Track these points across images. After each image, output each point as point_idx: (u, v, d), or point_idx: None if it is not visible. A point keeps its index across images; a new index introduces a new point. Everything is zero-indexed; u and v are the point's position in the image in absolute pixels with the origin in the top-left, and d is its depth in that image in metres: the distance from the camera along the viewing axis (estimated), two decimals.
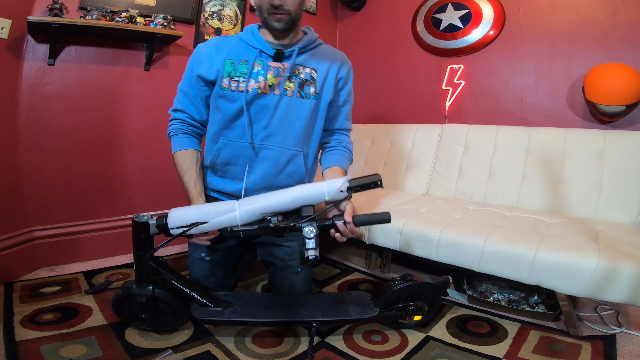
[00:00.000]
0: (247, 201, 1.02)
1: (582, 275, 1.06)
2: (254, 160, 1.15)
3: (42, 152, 1.59)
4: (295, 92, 1.13)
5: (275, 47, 1.13)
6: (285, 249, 1.24)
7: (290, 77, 1.13)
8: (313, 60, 1.17)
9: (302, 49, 1.15)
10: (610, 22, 1.68)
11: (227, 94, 1.11)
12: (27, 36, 1.49)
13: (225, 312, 1.08)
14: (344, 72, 1.22)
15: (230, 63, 1.12)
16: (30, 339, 1.06)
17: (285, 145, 1.15)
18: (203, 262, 1.23)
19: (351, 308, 1.13)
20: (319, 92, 1.17)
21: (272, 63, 1.12)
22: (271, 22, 1.08)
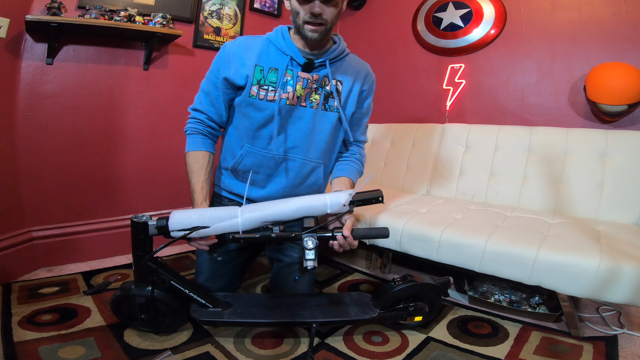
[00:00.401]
0: (249, 208, 1.02)
1: (583, 276, 1.06)
2: (276, 170, 1.16)
3: (40, 152, 1.59)
4: (320, 104, 1.14)
5: (306, 55, 1.11)
6: (294, 245, 1.25)
7: (317, 89, 1.13)
8: (339, 72, 1.16)
9: (332, 61, 1.14)
10: (612, 21, 1.68)
11: (255, 103, 1.10)
12: (25, 35, 1.49)
13: (225, 313, 1.08)
14: (367, 85, 1.23)
15: (260, 70, 1.10)
16: (29, 340, 1.06)
17: (309, 158, 1.17)
18: (213, 262, 1.24)
19: (351, 309, 1.13)
20: (343, 106, 1.17)
21: (301, 74, 1.11)
22: (306, 32, 1.04)
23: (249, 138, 1.15)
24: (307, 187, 1.21)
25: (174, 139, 1.91)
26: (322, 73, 1.13)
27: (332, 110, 1.16)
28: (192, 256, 1.87)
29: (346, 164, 1.25)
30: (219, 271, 1.24)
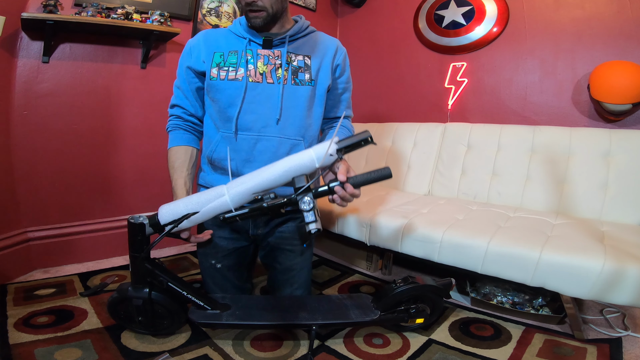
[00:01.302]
0: (235, 183, 0.98)
1: (587, 277, 1.06)
2: (251, 153, 1.13)
3: (36, 151, 1.59)
4: (289, 79, 1.12)
5: (264, 35, 1.13)
6: (288, 253, 1.23)
7: (283, 65, 1.12)
8: (306, 47, 1.16)
9: (293, 37, 1.14)
10: (617, 18, 1.68)
11: (216, 84, 1.11)
12: (21, 33, 1.49)
13: (223, 315, 1.08)
14: (340, 58, 1.21)
15: (219, 55, 1.12)
16: (25, 342, 1.06)
17: (285, 135, 1.13)
18: (215, 270, 1.23)
19: (352, 311, 1.13)
20: (315, 79, 1.16)
21: (261, 51, 1.12)
22: (250, 20, 1.09)
23: (221, 122, 1.14)
24: None
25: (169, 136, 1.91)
26: (284, 49, 1.12)
27: (304, 84, 1.14)
28: (191, 257, 1.87)
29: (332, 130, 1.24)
30: (224, 278, 1.24)
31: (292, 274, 1.24)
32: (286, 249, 1.23)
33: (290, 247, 1.23)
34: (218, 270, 1.23)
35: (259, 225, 1.22)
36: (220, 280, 1.24)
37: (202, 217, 0.99)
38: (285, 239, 1.23)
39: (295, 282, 1.24)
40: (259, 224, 1.22)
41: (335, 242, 1.95)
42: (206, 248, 1.24)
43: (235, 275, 1.26)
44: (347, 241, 1.68)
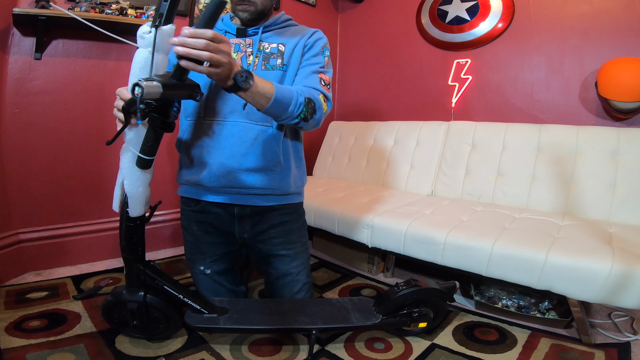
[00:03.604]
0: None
1: (595, 280, 1.06)
2: (217, 140, 1.11)
3: (28, 150, 1.59)
4: (259, 65, 1.13)
5: (238, 25, 1.16)
6: (283, 258, 1.23)
7: (254, 53, 1.14)
8: (281, 36, 1.17)
9: (268, 27, 1.16)
10: (625, 14, 1.68)
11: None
12: (12, 29, 1.49)
13: (221, 319, 1.08)
14: (310, 40, 1.18)
15: None
16: (16, 347, 1.06)
17: (252, 120, 1.10)
18: (204, 277, 1.23)
19: (353, 315, 1.13)
20: (287, 63, 1.15)
21: (233, 39, 1.14)
22: (237, 12, 1.12)
23: (187, 109, 1.15)
24: (258, 157, 1.11)
25: (168, 138, 1.91)
26: (257, 38, 1.14)
27: (275, 69, 1.13)
28: None
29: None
30: (215, 284, 1.24)
31: (289, 278, 1.23)
32: (280, 254, 1.22)
33: (284, 252, 1.22)
34: (208, 276, 1.23)
35: (245, 228, 1.20)
36: (211, 285, 1.24)
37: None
38: (276, 245, 1.21)
39: (294, 287, 1.24)
40: (244, 227, 1.20)
41: (336, 244, 1.95)
42: (193, 254, 1.24)
43: (227, 279, 1.26)
44: (348, 243, 1.69)
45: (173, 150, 1.98)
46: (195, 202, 1.19)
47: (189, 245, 1.25)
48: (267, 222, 1.20)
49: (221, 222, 1.19)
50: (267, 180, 1.14)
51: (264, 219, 1.19)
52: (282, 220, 1.21)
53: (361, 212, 1.58)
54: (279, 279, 1.24)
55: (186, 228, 1.25)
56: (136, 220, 1.00)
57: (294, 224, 1.24)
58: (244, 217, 1.18)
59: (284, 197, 1.20)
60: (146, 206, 1.02)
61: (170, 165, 2.00)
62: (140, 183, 0.97)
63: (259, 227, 1.20)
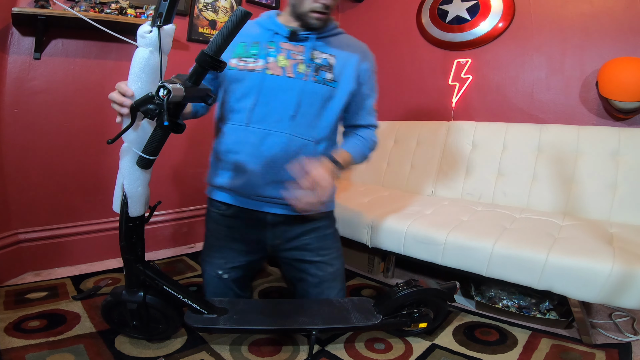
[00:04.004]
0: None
1: (595, 280, 1.06)
2: (259, 148, 1.08)
3: (27, 150, 1.59)
4: (310, 76, 1.09)
5: (291, 28, 1.11)
6: (319, 264, 1.20)
7: (305, 61, 1.10)
8: (331, 47, 1.14)
9: (320, 35, 1.13)
10: (626, 13, 1.68)
11: (234, 74, 1.09)
12: (11, 29, 1.49)
13: (220, 320, 1.07)
14: (365, 65, 1.19)
15: (242, 46, 1.11)
16: (16, 347, 1.06)
17: (296, 133, 1.10)
18: (220, 280, 1.21)
19: (353, 315, 1.13)
20: (337, 80, 1.13)
21: (284, 44, 1.11)
22: (311, 19, 1.07)
23: (232, 113, 1.12)
24: None
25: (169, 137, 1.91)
26: (309, 45, 1.11)
27: (325, 83, 1.11)
28: (187, 260, 1.87)
29: (347, 140, 1.23)
30: (226, 288, 1.22)
31: (325, 285, 1.21)
32: (315, 260, 1.20)
33: (318, 259, 1.20)
34: (223, 281, 1.21)
35: (277, 234, 1.19)
36: (222, 289, 1.22)
37: None
38: (311, 250, 1.20)
39: (330, 294, 1.21)
40: (276, 234, 1.18)
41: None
42: (213, 257, 1.21)
43: (239, 285, 1.24)
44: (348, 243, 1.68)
45: (173, 150, 1.99)
46: (227, 206, 1.18)
47: (211, 247, 1.22)
48: (300, 228, 1.18)
49: (252, 228, 1.18)
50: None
51: (296, 225, 1.18)
52: (315, 226, 1.20)
53: (361, 212, 1.58)
54: (314, 286, 1.21)
55: (212, 230, 1.22)
56: (136, 220, 1.00)
57: (327, 229, 1.23)
58: (277, 224, 1.17)
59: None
60: (146, 206, 1.02)
61: (170, 165, 2.00)
62: (140, 183, 0.97)
63: (291, 232, 1.19)
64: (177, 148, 2.01)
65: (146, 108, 0.80)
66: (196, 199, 2.12)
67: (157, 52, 0.88)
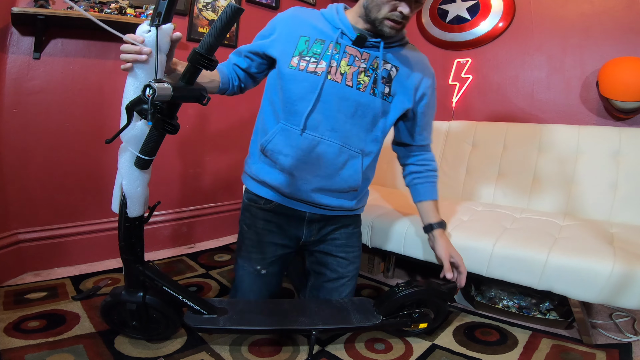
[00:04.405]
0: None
1: (596, 281, 1.06)
2: (309, 155, 1.06)
3: (27, 150, 1.58)
4: (368, 87, 1.05)
5: (360, 31, 1.05)
6: (341, 260, 1.22)
7: (367, 70, 1.05)
8: (396, 57, 1.09)
9: (389, 44, 1.07)
10: (626, 13, 1.68)
11: (294, 74, 1.04)
12: (11, 28, 1.49)
13: (220, 320, 1.07)
14: (428, 81, 1.14)
15: (305, 41, 1.06)
16: (15, 348, 1.06)
17: (347, 144, 1.08)
18: (258, 277, 1.20)
19: (353, 315, 1.13)
20: (393, 94, 1.09)
21: (350, 48, 1.05)
22: (384, 27, 1.00)
23: (285, 113, 1.07)
24: (342, 181, 1.11)
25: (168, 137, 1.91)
26: (375, 54, 1.06)
27: (381, 97, 1.07)
28: (186, 260, 1.87)
29: (425, 186, 1.25)
30: (263, 285, 1.21)
31: (342, 281, 1.22)
32: (339, 255, 1.21)
33: (343, 255, 1.22)
34: (261, 277, 1.20)
35: (312, 232, 1.20)
36: (259, 287, 1.21)
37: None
38: (338, 246, 1.22)
39: (343, 292, 1.22)
40: (312, 231, 1.20)
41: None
42: (251, 252, 1.20)
43: (275, 281, 1.24)
44: None
45: (172, 150, 1.99)
46: (266, 200, 1.17)
47: (249, 242, 1.21)
48: (333, 225, 1.21)
49: (290, 224, 1.19)
50: (343, 201, 1.16)
51: (330, 222, 1.21)
52: (345, 223, 1.22)
53: None
54: (331, 281, 1.22)
55: (249, 225, 1.21)
56: (135, 220, 0.99)
57: (355, 228, 1.26)
58: (313, 221, 1.18)
59: (354, 211, 1.23)
60: (145, 206, 1.02)
61: (170, 165, 2.00)
62: (139, 183, 0.96)
63: (325, 230, 1.21)
64: (176, 148, 2.01)
65: (140, 108, 0.80)
66: (196, 199, 2.12)
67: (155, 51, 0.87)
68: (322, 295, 1.25)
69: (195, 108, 2.01)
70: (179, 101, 0.85)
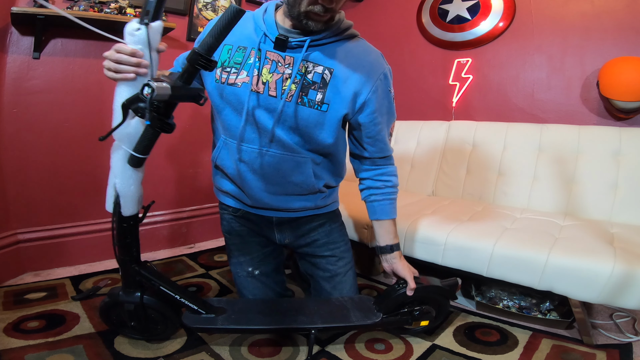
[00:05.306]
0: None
1: (596, 281, 1.06)
2: (253, 166, 1.03)
3: (26, 150, 1.58)
4: (294, 96, 0.94)
5: (283, 31, 0.95)
6: (329, 258, 1.21)
7: (294, 76, 0.94)
8: (331, 57, 0.95)
9: (317, 40, 0.94)
10: (627, 13, 1.68)
11: (217, 87, 0.99)
12: (10, 28, 1.49)
13: (219, 319, 1.07)
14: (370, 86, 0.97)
15: (228, 50, 0.98)
16: (15, 348, 1.06)
17: (288, 151, 1.01)
18: (253, 278, 1.20)
19: (352, 313, 1.13)
20: (328, 102, 0.96)
21: (271, 53, 0.95)
22: (307, 23, 0.89)
23: (222, 128, 1.05)
24: (296, 186, 1.07)
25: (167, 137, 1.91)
26: (300, 56, 0.93)
27: (312, 107, 0.95)
28: (186, 260, 1.87)
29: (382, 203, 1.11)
30: (264, 287, 1.21)
31: (337, 279, 1.21)
32: (325, 255, 1.21)
33: (328, 253, 1.21)
34: (257, 278, 1.20)
35: (285, 235, 1.20)
36: (260, 289, 1.21)
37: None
38: (320, 246, 1.21)
39: (343, 288, 1.22)
40: (284, 234, 1.20)
41: None
42: (239, 256, 1.22)
43: (274, 280, 1.24)
44: None
45: (169, 150, 1.99)
46: (234, 209, 1.19)
47: (235, 247, 1.22)
48: (307, 226, 1.19)
49: (261, 228, 1.19)
50: (305, 203, 1.13)
51: (302, 224, 1.19)
52: (321, 221, 1.20)
53: (361, 212, 1.58)
54: (326, 280, 1.22)
55: (229, 231, 1.22)
56: (129, 220, 0.99)
57: (333, 224, 1.23)
58: (282, 224, 1.18)
59: (321, 209, 1.20)
60: (139, 205, 1.01)
61: (166, 165, 2.00)
62: (132, 181, 0.96)
63: (299, 231, 1.19)
64: (174, 147, 2.01)
65: (136, 106, 0.80)
66: (194, 199, 2.12)
67: (146, 49, 0.87)
68: (323, 295, 1.24)
69: (193, 107, 2.01)
70: (177, 101, 0.85)
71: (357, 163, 1.15)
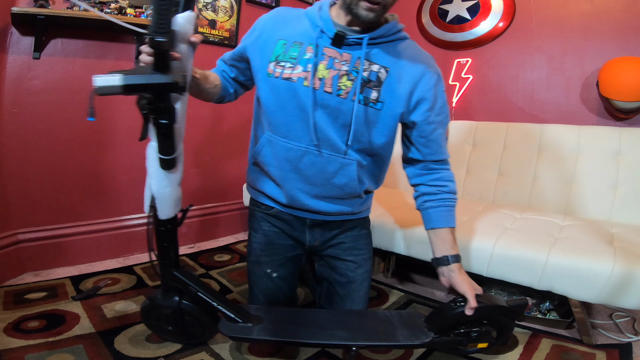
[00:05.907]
0: None
1: (596, 281, 1.06)
2: (297, 166, 1.01)
3: (27, 150, 1.58)
4: (350, 93, 0.94)
5: (339, 28, 0.94)
6: (349, 264, 1.17)
7: (350, 73, 0.93)
8: (387, 56, 0.96)
9: (375, 39, 0.94)
10: (626, 13, 1.68)
11: (270, 82, 0.97)
12: (11, 28, 1.49)
13: (255, 329, 0.98)
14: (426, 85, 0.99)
15: (282, 44, 0.97)
16: (15, 348, 1.06)
17: (334, 151, 0.99)
18: (269, 280, 1.17)
19: (399, 332, 1.00)
20: (383, 101, 0.96)
21: (328, 50, 0.94)
22: (359, 10, 0.86)
23: (268, 124, 1.02)
24: (338, 189, 1.04)
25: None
26: (357, 53, 0.93)
27: (367, 104, 0.95)
28: (186, 260, 1.87)
29: (439, 210, 1.05)
30: (277, 289, 1.17)
31: (353, 286, 1.17)
32: (347, 259, 1.16)
33: (350, 258, 1.17)
34: (272, 280, 1.16)
35: (316, 236, 1.15)
36: (272, 291, 1.17)
37: None
38: (345, 249, 1.17)
39: (356, 297, 1.17)
40: (315, 236, 1.15)
41: None
42: (261, 256, 1.17)
43: (288, 285, 1.21)
44: None
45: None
46: (267, 206, 1.15)
47: (258, 246, 1.18)
48: (338, 228, 1.16)
49: (292, 229, 1.15)
50: (343, 207, 1.09)
51: (334, 227, 1.15)
52: (351, 226, 1.17)
53: None
54: (342, 286, 1.18)
55: (256, 229, 1.17)
56: (166, 223, 0.94)
57: (362, 230, 1.20)
58: (314, 226, 1.14)
59: (356, 215, 1.17)
60: (177, 208, 0.95)
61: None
62: (168, 183, 0.90)
63: (329, 233, 1.15)
64: None
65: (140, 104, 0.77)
66: (195, 199, 2.12)
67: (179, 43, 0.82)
68: (335, 300, 1.20)
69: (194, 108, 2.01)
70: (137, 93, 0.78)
71: (410, 169, 1.12)
